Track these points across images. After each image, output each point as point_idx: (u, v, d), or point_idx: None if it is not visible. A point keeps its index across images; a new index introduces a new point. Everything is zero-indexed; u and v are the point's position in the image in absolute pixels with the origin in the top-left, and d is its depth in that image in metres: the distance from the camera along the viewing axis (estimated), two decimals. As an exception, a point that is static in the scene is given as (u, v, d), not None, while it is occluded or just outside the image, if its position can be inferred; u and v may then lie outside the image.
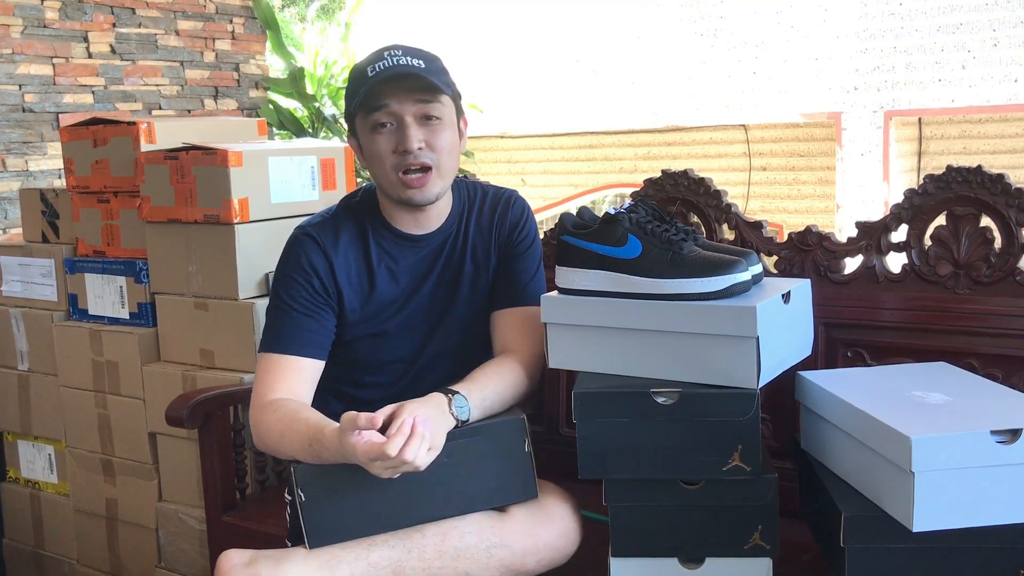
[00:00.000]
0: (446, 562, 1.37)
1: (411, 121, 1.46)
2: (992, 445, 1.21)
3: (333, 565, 1.34)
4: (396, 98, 1.46)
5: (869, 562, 1.29)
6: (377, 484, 1.35)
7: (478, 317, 1.61)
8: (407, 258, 1.58)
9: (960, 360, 1.60)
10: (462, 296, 1.60)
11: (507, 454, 1.41)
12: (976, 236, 1.63)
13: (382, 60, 1.46)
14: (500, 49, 7.69)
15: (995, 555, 1.27)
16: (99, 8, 4.31)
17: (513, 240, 1.63)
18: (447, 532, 1.38)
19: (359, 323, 1.57)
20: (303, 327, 1.52)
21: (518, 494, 1.43)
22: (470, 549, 1.38)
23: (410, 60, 1.46)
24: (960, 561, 1.27)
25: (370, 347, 1.59)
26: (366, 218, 1.59)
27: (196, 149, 2.19)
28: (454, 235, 1.61)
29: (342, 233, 1.57)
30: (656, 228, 1.42)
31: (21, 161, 4.03)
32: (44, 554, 2.71)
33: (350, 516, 1.37)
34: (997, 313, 1.60)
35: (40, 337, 2.56)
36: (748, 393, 1.34)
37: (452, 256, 1.60)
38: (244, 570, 1.34)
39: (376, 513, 1.37)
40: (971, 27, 6.10)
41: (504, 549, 1.39)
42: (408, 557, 1.36)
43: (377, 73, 1.45)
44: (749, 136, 7.24)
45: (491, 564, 1.38)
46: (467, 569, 1.38)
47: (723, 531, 1.39)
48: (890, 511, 1.27)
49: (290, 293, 1.54)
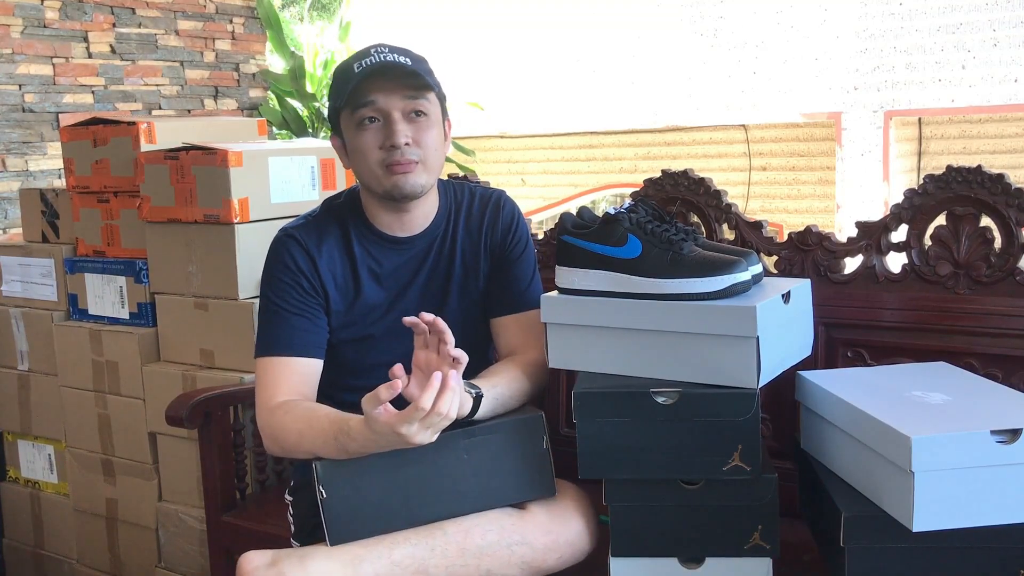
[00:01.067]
0: (468, 560, 1.37)
1: (398, 117, 1.46)
2: (992, 445, 1.21)
3: (356, 564, 1.34)
4: (384, 93, 1.45)
5: (869, 562, 1.29)
6: (398, 480, 1.35)
7: (468, 321, 1.60)
8: (391, 261, 1.57)
9: (960, 360, 1.60)
10: (451, 299, 1.60)
11: (525, 451, 1.41)
12: (976, 236, 1.63)
13: (369, 57, 1.46)
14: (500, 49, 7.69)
15: (995, 555, 1.27)
16: (99, 8, 4.31)
17: (507, 245, 1.62)
18: (469, 530, 1.38)
19: (344, 327, 1.57)
20: (297, 327, 1.52)
21: (537, 491, 1.43)
22: (492, 547, 1.38)
23: (397, 57, 1.46)
24: (960, 561, 1.27)
25: (356, 351, 1.58)
26: (349, 220, 1.58)
27: (196, 149, 2.19)
28: (441, 237, 1.60)
29: (325, 235, 1.56)
30: (656, 228, 1.42)
31: (21, 161, 4.03)
32: (44, 554, 2.71)
33: (371, 513, 1.37)
34: (997, 313, 1.60)
35: (40, 337, 2.56)
36: (748, 393, 1.34)
37: (439, 259, 1.59)
38: (268, 571, 1.32)
39: (396, 510, 1.37)
40: (971, 27, 6.10)
41: (526, 547, 1.39)
42: (431, 555, 1.36)
43: (364, 69, 1.44)
44: (749, 136, 7.24)
45: (513, 561, 1.38)
46: (489, 567, 1.38)
47: (723, 531, 1.39)
48: (890, 511, 1.27)
49: (279, 295, 1.53)
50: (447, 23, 7.79)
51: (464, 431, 1.39)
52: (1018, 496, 1.23)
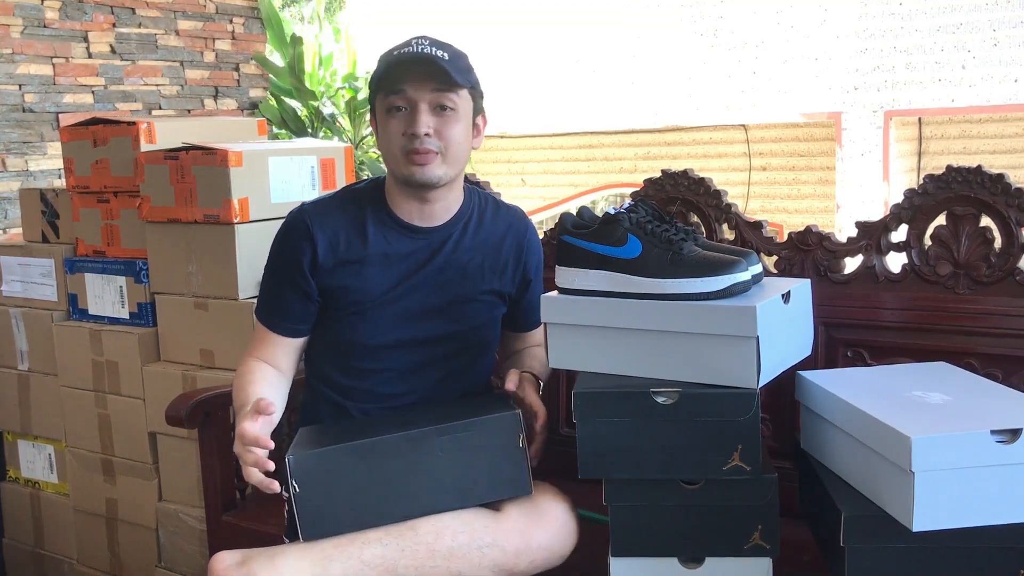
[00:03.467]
0: (438, 561, 1.37)
1: (424, 108, 1.50)
2: (992, 445, 1.22)
3: (326, 563, 1.35)
4: (413, 84, 1.50)
5: (869, 562, 1.29)
6: (372, 476, 1.36)
7: (470, 319, 1.63)
8: (405, 247, 1.59)
9: (960, 360, 1.60)
10: (458, 296, 1.61)
11: (501, 449, 1.41)
12: (976, 236, 1.63)
13: (409, 47, 1.51)
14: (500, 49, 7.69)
15: (995, 555, 1.27)
16: (99, 8, 4.31)
17: (536, 267, 1.71)
18: (440, 531, 1.38)
19: (346, 305, 1.59)
20: (281, 308, 1.63)
21: (512, 489, 1.43)
22: (462, 548, 1.38)
23: (434, 51, 1.50)
24: (960, 561, 1.27)
25: (357, 331, 1.60)
26: (368, 204, 1.61)
27: (196, 149, 2.19)
28: (460, 233, 1.62)
29: (339, 214, 1.60)
30: (656, 228, 1.42)
31: (21, 161, 4.03)
32: (44, 554, 2.71)
33: (344, 508, 1.37)
34: (997, 313, 1.60)
35: (40, 337, 2.56)
36: (748, 393, 1.34)
37: (454, 254, 1.61)
38: (238, 570, 1.34)
39: (370, 505, 1.38)
40: (971, 27, 6.09)
41: (496, 549, 1.39)
42: (400, 556, 1.37)
43: (402, 55, 1.49)
44: (749, 136, 7.24)
45: (483, 564, 1.39)
46: (459, 569, 1.38)
47: (723, 531, 1.39)
48: (890, 511, 1.27)
49: (274, 271, 1.64)
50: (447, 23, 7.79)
51: (438, 428, 1.39)
52: (1018, 496, 1.23)
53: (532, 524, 1.42)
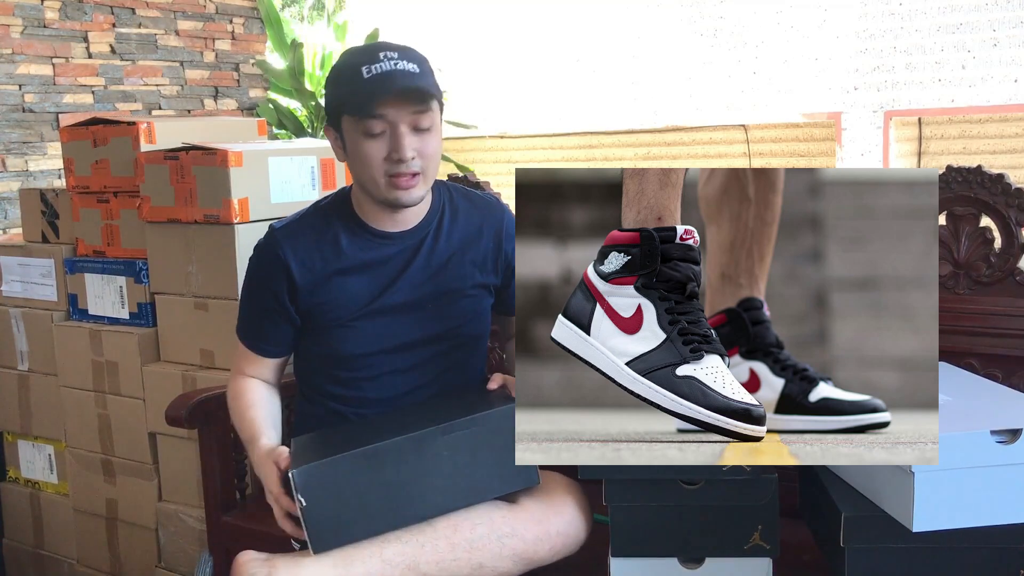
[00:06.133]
0: (459, 554, 1.37)
1: (405, 130, 1.46)
2: (992, 445, 1.21)
3: (347, 564, 1.35)
4: (394, 108, 1.45)
5: (869, 562, 1.29)
6: (378, 483, 1.35)
7: (457, 310, 1.63)
8: (380, 253, 1.59)
9: (960, 360, 1.60)
10: (439, 291, 1.61)
11: (503, 442, 1.41)
12: (976, 236, 1.63)
13: (378, 63, 1.44)
14: (500, 48, 7.69)
15: (995, 555, 1.27)
16: (99, 8, 4.30)
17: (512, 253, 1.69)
18: (458, 524, 1.38)
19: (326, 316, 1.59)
20: (265, 332, 1.65)
21: (520, 481, 1.43)
22: (482, 539, 1.38)
23: (406, 65, 1.45)
24: (960, 561, 1.27)
25: (340, 341, 1.60)
26: (336, 218, 1.60)
27: (196, 149, 2.19)
28: (434, 232, 1.62)
29: (310, 232, 1.59)
30: None
31: (21, 161, 4.03)
32: (44, 554, 2.71)
33: (354, 517, 1.36)
34: (997, 313, 1.60)
35: (40, 337, 2.56)
36: (748, 393, 1.34)
37: (431, 253, 1.61)
38: (261, 567, 1.35)
39: (380, 513, 1.37)
40: (971, 27, 6.10)
41: (516, 539, 1.40)
42: (421, 552, 1.37)
43: (373, 76, 1.43)
44: (749, 136, 7.23)
45: (504, 554, 1.39)
46: (481, 560, 1.38)
47: (723, 531, 1.38)
48: (890, 511, 1.27)
49: (249, 294, 1.66)
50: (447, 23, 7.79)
51: (440, 428, 1.39)
52: (1018, 496, 1.23)
53: (548, 511, 1.43)
